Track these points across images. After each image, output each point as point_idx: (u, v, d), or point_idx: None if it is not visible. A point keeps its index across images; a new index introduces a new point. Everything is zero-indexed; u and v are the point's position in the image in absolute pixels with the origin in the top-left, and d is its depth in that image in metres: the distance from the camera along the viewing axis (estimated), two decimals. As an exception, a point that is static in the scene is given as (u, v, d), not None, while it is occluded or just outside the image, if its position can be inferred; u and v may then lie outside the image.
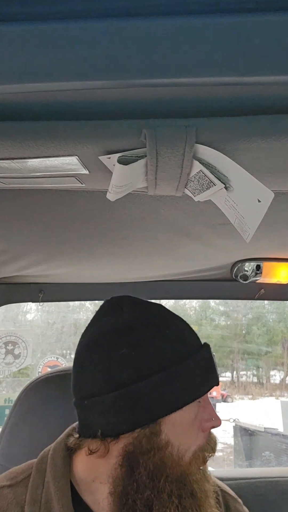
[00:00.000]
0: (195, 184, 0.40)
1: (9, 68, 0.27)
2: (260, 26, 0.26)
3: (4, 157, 0.37)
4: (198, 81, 0.27)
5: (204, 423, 0.54)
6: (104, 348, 0.53)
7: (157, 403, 0.50)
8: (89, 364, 0.53)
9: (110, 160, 0.37)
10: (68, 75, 0.27)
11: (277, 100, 0.32)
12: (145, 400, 0.50)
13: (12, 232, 0.66)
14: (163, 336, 0.53)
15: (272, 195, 0.36)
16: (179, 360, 0.52)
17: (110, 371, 0.51)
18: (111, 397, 0.50)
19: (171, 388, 0.51)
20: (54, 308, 7.89)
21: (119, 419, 0.50)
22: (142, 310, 0.56)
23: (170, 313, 0.58)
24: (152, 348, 0.52)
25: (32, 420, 0.76)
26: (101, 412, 0.51)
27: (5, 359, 2.71)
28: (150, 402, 0.50)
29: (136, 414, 0.50)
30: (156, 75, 0.27)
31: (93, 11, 0.27)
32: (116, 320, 0.55)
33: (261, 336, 11.14)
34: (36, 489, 0.53)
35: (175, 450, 0.51)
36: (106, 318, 0.56)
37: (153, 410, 0.50)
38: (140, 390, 0.50)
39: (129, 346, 0.52)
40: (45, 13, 0.27)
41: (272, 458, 3.98)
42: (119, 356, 0.51)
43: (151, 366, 0.51)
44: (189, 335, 0.56)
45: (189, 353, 0.53)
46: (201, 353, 0.54)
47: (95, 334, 0.55)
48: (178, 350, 0.53)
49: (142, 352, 0.51)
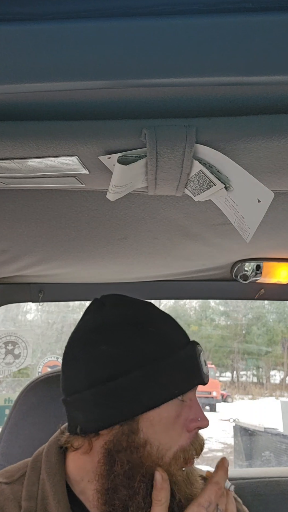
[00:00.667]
0: (195, 184, 0.40)
1: (9, 68, 0.27)
2: (260, 26, 0.26)
3: (4, 157, 0.37)
4: (198, 81, 0.27)
5: (189, 423, 0.52)
6: (84, 345, 0.53)
7: (134, 400, 0.50)
8: (71, 360, 0.54)
9: (110, 160, 0.37)
10: (68, 75, 0.27)
11: (277, 100, 0.32)
12: (123, 397, 0.50)
13: (12, 232, 0.66)
14: (144, 333, 0.53)
15: (272, 195, 0.36)
16: (158, 357, 0.51)
17: (90, 367, 0.52)
18: (90, 393, 0.51)
19: (149, 386, 0.50)
20: (54, 308, 7.90)
21: (97, 415, 0.50)
22: (124, 308, 0.56)
23: (156, 311, 0.57)
24: (131, 345, 0.51)
25: (32, 420, 0.76)
26: (82, 409, 0.52)
27: (5, 359, 2.71)
28: (127, 398, 0.50)
29: (113, 411, 0.50)
30: (156, 75, 0.27)
31: (93, 11, 0.27)
32: (97, 317, 0.56)
33: (261, 336, 11.15)
34: (32, 486, 0.53)
35: (155, 450, 0.50)
36: (88, 315, 0.57)
37: (130, 407, 0.50)
38: (118, 387, 0.50)
39: (108, 342, 0.52)
40: (45, 13, 0.27)
41: (272, 458, 3.98)
42: (99, 352, 0.52)
43: (130, 363, 0.51)
44: (173, 333, 0.55)
45: (171, 351, 0.52)
46: (184, 351, 0.53)
47: (77, 331, 0.56)
48: (158, 348, 0.52)
49: (121, 348, 0.51)
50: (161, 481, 0.49)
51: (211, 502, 0.49)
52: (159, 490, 0.48)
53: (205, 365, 0.55)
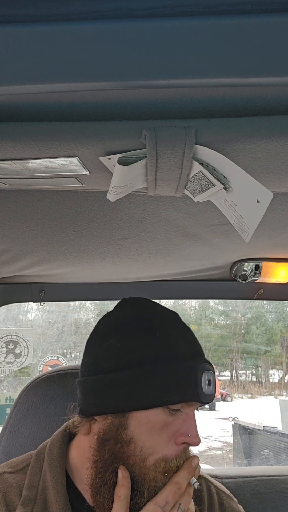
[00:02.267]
0: (194, 184, 0.40)
1: (10, 69, 0.27)
2: (259, 28, 0.26)
3: (5, 158, 0.37)
4: (198, 82, 0.28)
5: (178, 436, 0.52)
6: (99, 336, 0.58)
7: (126, 396, 0.51)
8: (87, 348, 0.59)
9: (110, 161, 0.37)
10: (68, 76, 0.27)
11: (276, 101, 0.32)
12: (118, 390, 0.52)
13: (13, 232, 0.66)
14: (151, 335, 0.54)
15: (271, 195, 0.36)
16: (156, 361, 0.52)
17: (98, 357, 0.55)
18: (92, 380, 0.55)
19: (141, 386, 0.51)
20: (55, 308, 7.90)
21: (94, 401, 0.53)
22: (141, 309, 0.58)
23: (173, 320, 0.58)
24: (135, 343, 0.54)
25: (33, 419, 0.76)
26: (84, 392, 0.55)
27: (6, 358, 2.71)
28: (121, 393, 0.51)
29: (108, 401, 0.52)
30: (155, 77, 0.27)
31: (93, 13, 0.27)
32: (116, 315, 0.59)
33: (260, 335, 11.16)
34: (34, 476, 0.56)
35: (138, 450, 0.51)
36: (111, 313, 0.61)
37: (122, 401, 0.51)
38: (115, 380, 0.52)
39: (117, 338, 0.55)
40: (45, 14, 0.27)
41: (271, 457, 3.99)
42: (107, 345, 0.55)
43: (131, 359, 0.53)
44: (181, 344, 0.55)
45: (171, 358, 0.52)
46: (186, 363, 0.53)
47: (98, 325, 0.61)
48: (160, 352, 0.53)
49: (126, 345, 0.54)
50: (121, 478, 0.50)
51: (167, 502, 0.50)
52: (120, 487, 0.50)
53: (208, 385, 0.53)
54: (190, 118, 0.33)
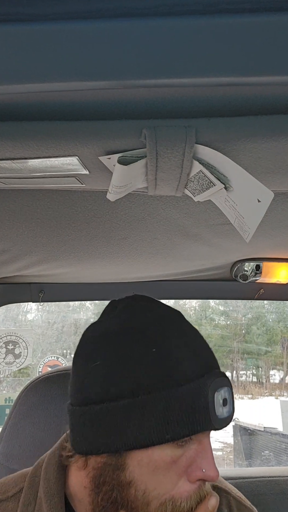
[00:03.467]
0: (195, 184, 0.40)
1: (9, 68, 0.27)
2: (259, 27, 0.26)
3: (4, 157, 0.37)
4: (198, 81, 0.27)
5: (192, 472, 0.42)
6: (83, 354, 0.47)
7: (119, 433, 0.42)
8: (73, 368, 0.49)
9: (110, 160, 0.37)
10: (68, 75, 0.27)
11: (277, 100, 0.32)
12: (108, 426, 0.42)
13: (12, 232, 0.66)
14: (146, 353, 0.43)
15: (272, 195, 0.36)
16: (153, 389, 0.42)
17: (83, 382, 0.45)
18: (79, 411, 0.45)
19: (138, 420, 0.41)
20: (55, 308, 7.90)
21: (81, 437, 0.44)
22: (133, 316, 0.47)
23: (175, 324, 0.47)
24: (127, 366, 0.43)
25: (32, 420, 0.76)
26: (71, 424, 0.46)
27: (6, 359, 2.71)
28: (112, 429, 0.42)
29: (96, 438, 0.43)
30: (155, 76, 0.27)
31: (93, 12, 0.27)
32: (102, 325, 0.48)
33: (260, 336, 11.15)
34: (28, 505, 0.48)
35: (140, 494, 0.42)
36: (97, 322, 0.50)
37: (114, 439, 0.42)
38: (105, 413, 0.42)
39: (104, 358, 0.45)
40: (45, 13, 0.27)
41: (272, 458, 3.99)
42: (93, 367, 0.45)
43: (121, 388, 0.42)
44: (186, 358, 0.44)
45: (172, 383, 0.42)
46: (191, 385, 0.42)
47: (82, 338, 0.50)
48: (159, 376, 0.42)
49: (115, 368, 0.43)
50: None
51: None
52: None
53: (224, 406, 0.43)
54: (190, 118, 0.33)
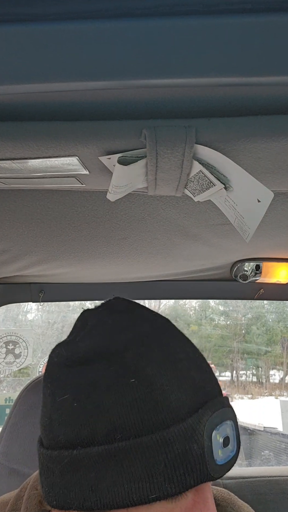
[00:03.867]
0: (195, 184, 0.40)
1: (9, 68, 0.27)
2: (259, 27, 0.26)
3: (4, 157, 0.37)
4: (198, 81, 0.27)
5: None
6: (50, 384, 0.37)
7: (93, 489, 0.32)
8: (42, 399, 0.39)
9: (110, 160, 0.37)
10: (68, 76, 0.27)
11: (276, 100, 0.32)
12: (79, 479, 0.32)
13: (12, 232, 0.66)
14: (122, 386, 0.33)
15: (272, 195, 0.36)
16: (134, 432, 0.32)
17: (51, 419, 0.36)
18: (47, 456, 0.35)
19: (114, 475, 0.31)
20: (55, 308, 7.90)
21: (51, 488, 0.35)
22: (108, 335, 0.36)
23: (159, 345, 0.35)
24: (101, 403, 0.33)
25: (32, 420, 0.76)
26: (40, 469, 0.37)
27: (6, 359, 2.71)
28: (84, 483, 0.32)
29: (67, 492, 0.33)
30: (156, 76, 0.27)
31: (93, 12, 0.27)
32: (71, 347, 0.38)
33: (260, 336, 11.15)
34: None
35: None
36: (66, 341, 0.40)
37: (87, 496, 0.32)
38: (75, 462, 0.33)
39: (72, 390, 0.35)
40: (45, 13, 0.27)
41: (272, 457, 3.99)
42: (61, 402, 0.35)
43: (93, 431, 0.33)
44: (175, 391, 0.33)
45: (159, 424, 0.32)
46: (186, 424, 0.32)
47: (49, 363, 0.39)
48: (140, 417, 0.32)
49: (86, 405, 0.33)
50: None
51: None
52: None
53: (224, 446, 0.33)
54: (190, 118, 0.33)
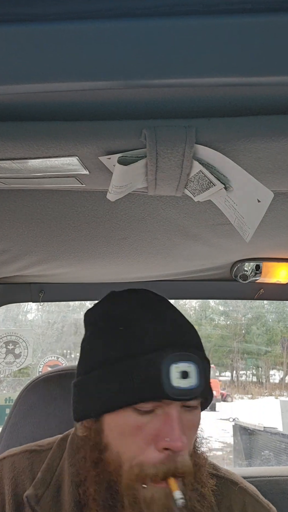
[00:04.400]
0: (195, 184, 0.40)
1: (10, 68, 0.27)
2: (259, 27, 0.26)
3: (4, 157, 0.37)
4: (198, 82, 0.27)
5: (158, 441, 0.46)
6: (83, 338, 0.58)
7: (93, 400, 0.50)
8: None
9: (110, 160, 0.37)
10: (68, 76, 0.27)
11: (276, 100, 0.32)
12: (86, 394, 0.51)
13: (12, 232, 0.66)
14: (116, 332, 0.51)
15: (272, 195, 0.36)
16: (121, 359, 0.48)
17: (78, 359, 0.56)
18: (73, 383, 0.54)
19: (106, 387, 0.48)
20: (55, 308, 7.90)
21: (74, 405, 0.53)
22: (108, 304, 0.57)
23: (150, 310, 0.53)
24: (97, 343, 0.52)
25: (32, 420, 0.76)
26: (71, 395, 0.55)
27: (6, 359, 2.71)
28: (88, 397, 0.51)
29: (80, 405, 0.52)
30: (155, 76, 0.27)
31: (93, 12, 0.27)
32: (89, 313, 0.59)
33: (260, 335, 11.16)
34: (53, 460, 0.56)
35: (114, 456, 0.48)
36: (93, 306, 0.60)
37: (91, 405, 0.50)
38: (85, 383, 0.51)
39: (87, 338, 0.55)
40: (45, 13, 0.27)
41: (272, 457, 3.99)
42: (82, 347, 0.56)
43: (93, 361, 0.51)
44: (150, 335, 0.49)
45: (132, 354, 0.48)
46: (149, 356, 0.47)
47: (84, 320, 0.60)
48: (124, 348, 0.49)
49: (91, 346, 0.53)
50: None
51: None
52: None
53: (183, 378, 0.46)
54: (190, 118, 0.33)
